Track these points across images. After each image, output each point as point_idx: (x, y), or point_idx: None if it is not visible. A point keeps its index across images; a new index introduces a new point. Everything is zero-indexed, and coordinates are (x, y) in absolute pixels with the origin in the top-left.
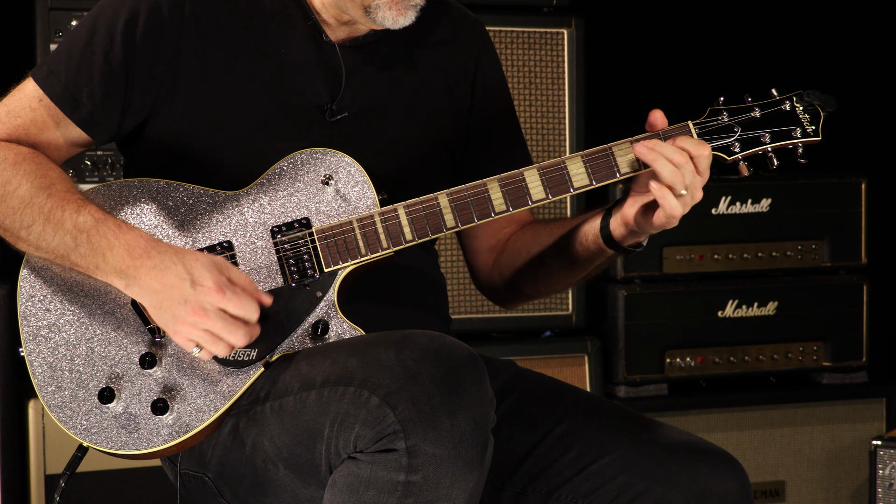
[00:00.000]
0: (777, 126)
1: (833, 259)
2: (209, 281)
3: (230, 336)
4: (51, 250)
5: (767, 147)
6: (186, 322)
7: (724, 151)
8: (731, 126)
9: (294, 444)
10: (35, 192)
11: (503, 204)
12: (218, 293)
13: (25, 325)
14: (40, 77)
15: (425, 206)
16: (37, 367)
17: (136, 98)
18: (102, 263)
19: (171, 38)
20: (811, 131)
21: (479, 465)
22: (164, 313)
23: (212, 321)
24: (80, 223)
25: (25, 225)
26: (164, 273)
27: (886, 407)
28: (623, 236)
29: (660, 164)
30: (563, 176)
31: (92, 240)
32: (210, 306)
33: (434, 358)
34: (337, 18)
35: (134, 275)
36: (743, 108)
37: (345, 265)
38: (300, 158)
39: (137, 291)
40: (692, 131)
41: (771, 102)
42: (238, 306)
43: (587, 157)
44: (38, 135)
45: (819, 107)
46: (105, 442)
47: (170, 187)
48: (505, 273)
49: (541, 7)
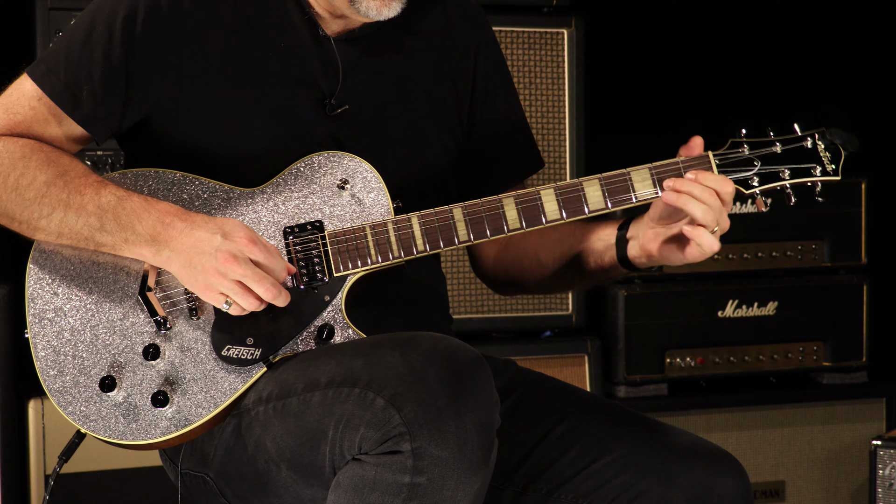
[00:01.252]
0: (797, 162)
1: (833, 259)
2: (240, 233)
3: (259, 285)
4: (74, 234)
5: (786, 183)
6: (217, 272)
7: (742, 184)
8: (751, 160)
9: (297, 445)
10: (51, 180)
11: (517, 221)
12: (250, 243)
13: (32, 307)
14: (38, 75)
15: (439, 217)
16: (40, 349)
17: (136, 95)
18: (132, 236)
19: (171, 34)
20: (831, 170)
21: (485, 467)
22: (193, 269)
23: (242, 269)
24: (104, 203)
25: (45, 214)
26: (195, 230)
27: (886, 407)
28: (643, 264)
29: (691, 206)
30: (579, 197)
31: (119, 216)
32: (240, 254)
33: (440, 360)
34: (330, 12)
35: (166, 238)
36: (764, 143)
37: (355, 271)
38: (317, 160)
39: (167, 255)
40: (712, 163)
41: (793, 139)
42: (268, 258)
43: (605, 181)
44: (39, 131)
45: (841, 146)
46: (103, 430)
47: (185, 179)
48: (509, 269)
49: (541, 7)
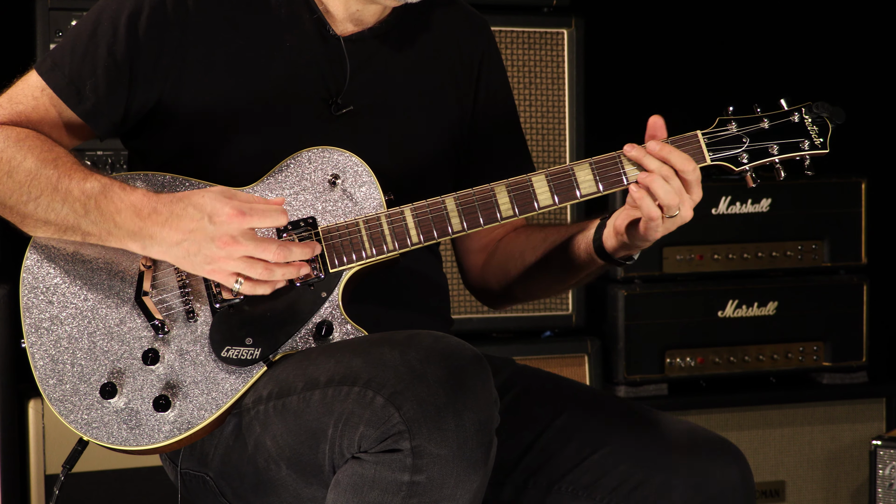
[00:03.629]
0: (785, 138)
1: (833, 259)
2: (226, 209)
3: (265, 252)
4: (60, 221)
5: (775, 158)
6: (220, 257)
7: (732, 162)
8: (739, 137)
9: (297, 444)
10: (41, 164)
11: (510, 209)
12: (239, 216)
13: (27, 316)
14: (44, 69)
15: (432, 208)
16: (38, 359)
17: (139, 91)
18: (114, 229)
19: (176, 32)
20: (819, 143)
21: (484, 466)
22: (194, 259)
23: (244, 245)
24: (88, 189)
25: (33, 197)
26: (179, 221)
27: (886, 407)
28: (615, 248)
29: (655, 184)
30: (570, 182)
31: (101, 205)
32: (237, 231)
33: (439, 358)
34: (345, 7)
35: (149, 234)
36: (752, 119)
37: (350, 266)
38: (307, 157)
39: (157, 250)
40: (701, 142)
41: (780, 114)
42: (263, 216)
43: (595, 164)
44: (40, 122)
45: (828, 119)
46: (106, 437)
47: (175, 181)
48: (496, 275)
49: (541, 7)
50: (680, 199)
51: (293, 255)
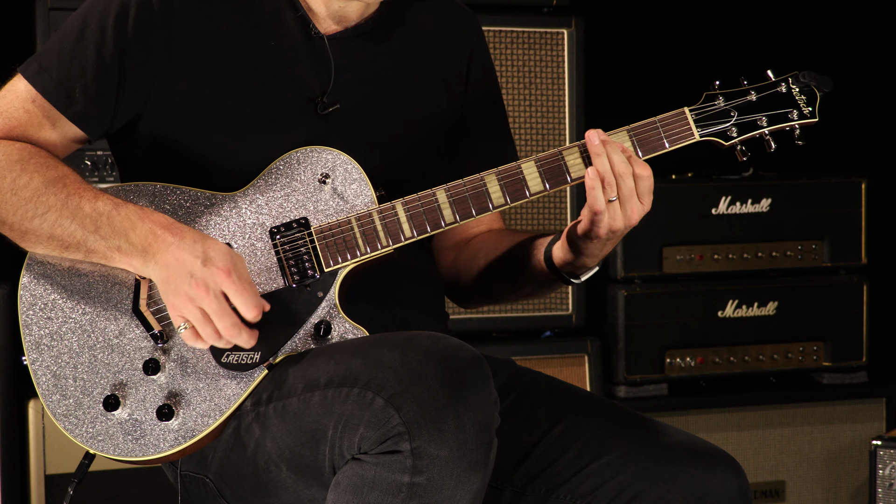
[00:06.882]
0: (774, 109)
1: (833, 259)
2: (221, 262)
3: (220, 320)
4: (66, 236)
5: (765, 130)
6: (186, 296)
7: (722, 137)
8: (727, 111)
9: (297, 446)
10: (48, 183)
11: (501, 197)
12: (226, 275)
13: (28, 334)
14: (31, 74)
15: (423, 202)
16: (40, 375)
17: (128, 92)
18: (125, 244)
19: (162, 32)
20: (808, 112)
21: (484, 467)
22: (168, 286)
23: (209, 300)
24: (100, 207)
25: (39, 213)
26: (181, 250)
27: (886, 407)
28: (562, 259)
29: (599, 160)
30: (560, 167)
31: (114, 222)
32: (213, 285)
33: (439, 359)
34: (327, 6)
35: (155, 251)
36: (739, 92)
37: (345, 264)
38: (296, 157)
39: (153, 268)
40: (689, 118)
41: (767, 85)
42: (240, 292)
43: (584, 147)
44: (35, 134)
45: (815, 87)
46: (111, 449)
47: (166, 190)
48: (462, 273)
49: (541, 7)
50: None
51: (240, 339)
